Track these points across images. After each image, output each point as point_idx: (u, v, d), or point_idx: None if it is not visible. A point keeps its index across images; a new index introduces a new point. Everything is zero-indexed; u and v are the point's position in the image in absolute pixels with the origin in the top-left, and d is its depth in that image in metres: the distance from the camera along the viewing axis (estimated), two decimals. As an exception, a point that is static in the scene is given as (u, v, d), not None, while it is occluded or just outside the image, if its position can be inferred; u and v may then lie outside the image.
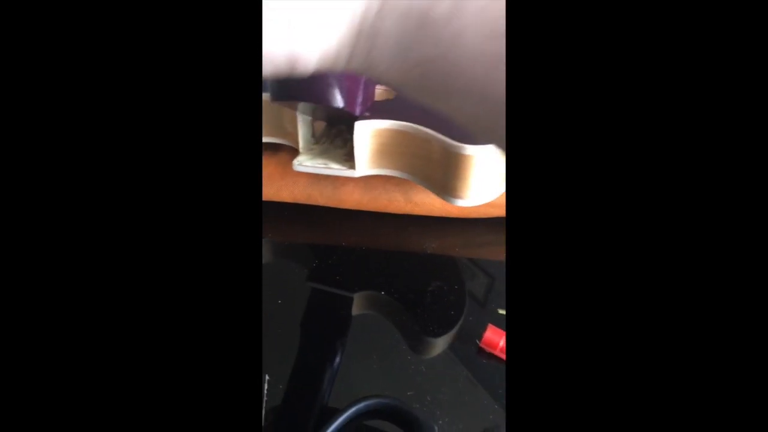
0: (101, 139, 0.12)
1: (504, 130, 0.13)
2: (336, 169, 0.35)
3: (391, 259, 0.36)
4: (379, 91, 0.37)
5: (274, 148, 0.40)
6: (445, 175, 0.31)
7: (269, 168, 0.39)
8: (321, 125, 0.38)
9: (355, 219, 0.40)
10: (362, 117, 0.32)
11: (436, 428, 0.25)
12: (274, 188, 0.39)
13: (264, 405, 0.27)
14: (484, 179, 0.31)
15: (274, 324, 0.31)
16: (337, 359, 0.29)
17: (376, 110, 0.34)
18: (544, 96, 0.12)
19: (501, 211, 0.38)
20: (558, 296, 0.11)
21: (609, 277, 0.11)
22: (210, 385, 0.12)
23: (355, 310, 0.32)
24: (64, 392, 0.11)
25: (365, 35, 0.13)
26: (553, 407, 0.11)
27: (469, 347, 0.29)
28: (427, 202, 0.37)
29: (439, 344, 0.30)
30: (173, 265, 0.12)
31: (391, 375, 0.28)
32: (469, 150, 0.29)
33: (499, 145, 0.15)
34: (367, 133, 0.33)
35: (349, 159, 0.35)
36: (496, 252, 0.39)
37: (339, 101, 0.27)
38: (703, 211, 0.11)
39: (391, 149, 0.34)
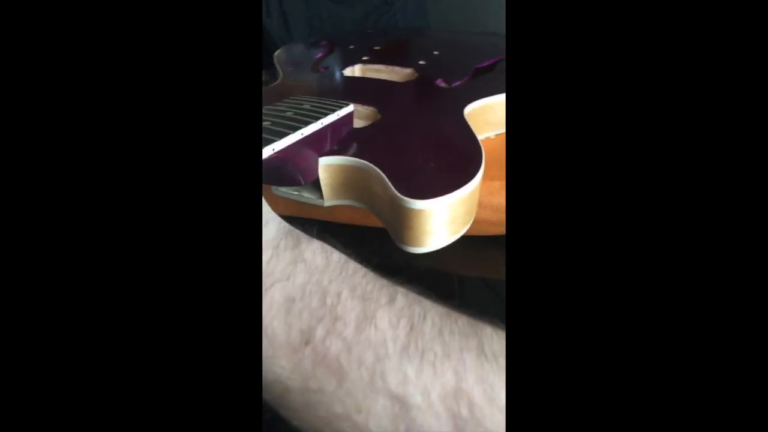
0: (100, 142, 0.12)
1: None
2: (307, 197, 0.35)
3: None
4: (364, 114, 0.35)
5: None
6: (394, 220, 0.30)
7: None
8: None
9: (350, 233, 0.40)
10: (329, 152, 0.32)
11: None
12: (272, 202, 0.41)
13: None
14: (433, 231, 0.28)
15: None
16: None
17: (350, 141, 0.33)
18: (543, 107, 0.12)
19: (501, 230, 0.36)
20: (557, 306, 0.11)
21: (608, 285, 0.11)
22: (210, 385, 0.12)
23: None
24: (64, 391, 0.11)
25: None
26: (551, 415, 0.11)
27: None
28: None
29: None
30: (173, 265, 0.12)
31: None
32: (417, 204, 0.27)
33: None
34: (330, 168, 0.32)
35: (319, 189, 0.35)
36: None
37: (299, 181, 0.29)
38: (699, 228, 0.11)
39: (352, 183, 0.32)
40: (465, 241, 0.32)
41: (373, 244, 0.36)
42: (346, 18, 0.61)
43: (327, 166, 0.32)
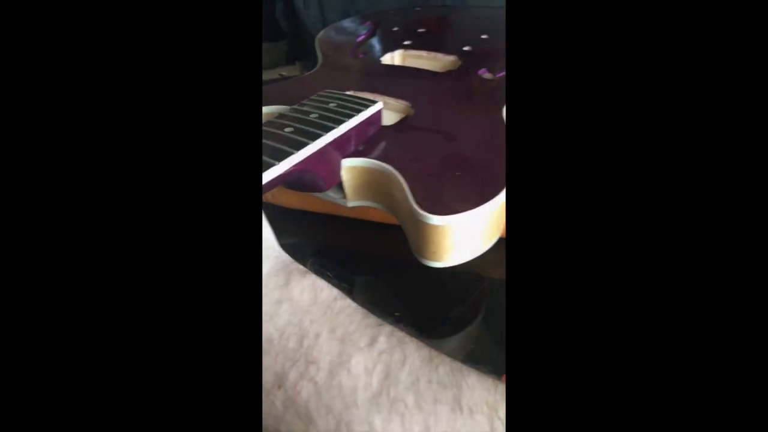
0: (98, 143, 0.12)
1: None
2: (332, 196, 0.35)
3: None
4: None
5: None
6: (413, 231, 0.28)
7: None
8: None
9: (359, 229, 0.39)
10: (353, 153, 0.31)
11: None
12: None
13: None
14: (453, 246, 0.27)
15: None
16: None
17: (376, 141, 0.31)
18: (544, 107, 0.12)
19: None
20: (557, 306, 0.12)
21: (607, 287, 0.11)
22: (210, 384, 0.12)
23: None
24: (64, 390, 0.11)
25: None
26: (551, 420, 0.11)
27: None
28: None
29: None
30: (173, 265, 0.12)
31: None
32: (434, 220, 0.25)
33: None
34: (352, 170, 0.31)
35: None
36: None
37: (322, 188, 0.29)
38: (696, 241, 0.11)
39: (374, 185, 0.31)
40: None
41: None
42: (385, 6, 0.58)
43: (350, 167, 0.31)
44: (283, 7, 0.61)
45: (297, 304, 0.16)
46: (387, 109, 0.35)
